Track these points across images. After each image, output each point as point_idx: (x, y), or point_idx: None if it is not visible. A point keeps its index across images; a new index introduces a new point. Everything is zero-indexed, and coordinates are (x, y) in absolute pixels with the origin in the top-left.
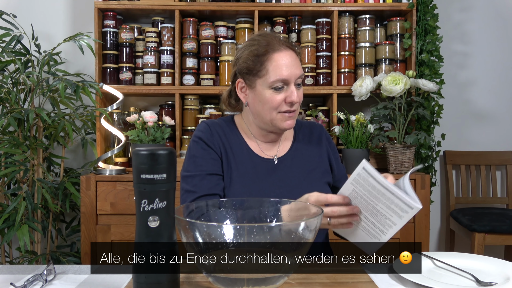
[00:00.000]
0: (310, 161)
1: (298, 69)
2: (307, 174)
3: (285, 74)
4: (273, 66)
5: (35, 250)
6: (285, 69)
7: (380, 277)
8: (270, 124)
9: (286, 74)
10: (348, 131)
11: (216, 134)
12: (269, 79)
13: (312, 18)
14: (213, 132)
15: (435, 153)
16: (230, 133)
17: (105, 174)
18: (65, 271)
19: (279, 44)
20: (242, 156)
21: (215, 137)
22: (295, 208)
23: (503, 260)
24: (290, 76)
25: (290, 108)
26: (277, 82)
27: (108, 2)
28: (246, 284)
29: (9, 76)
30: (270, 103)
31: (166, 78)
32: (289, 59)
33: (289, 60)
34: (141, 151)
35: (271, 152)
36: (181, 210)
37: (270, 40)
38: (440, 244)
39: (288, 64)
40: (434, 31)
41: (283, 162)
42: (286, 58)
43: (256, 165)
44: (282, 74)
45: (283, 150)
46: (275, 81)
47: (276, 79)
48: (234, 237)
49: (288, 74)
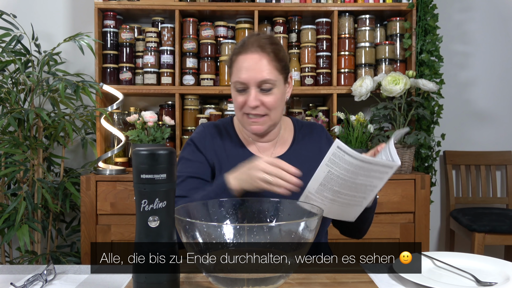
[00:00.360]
0: (309, 162)
1: (259, 73)
2: (304, 175)
3: (242, 77)
4: (236, 67)
5: (35, 250)
6: (244, 72)
7: (380, 277)
8: (242, 125)
9: (244, 77)
10: (348, 131)
11: (210, 137)
12: (232, 80)
13: (312, 18)
14: (207, 135)
15: (435, 153)
16: (226, 135)
17: (105, 174)
18: (65, 271)
19: (251, 46)
20: (238, 157)
21: (207, 140)
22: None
23: (503, 260)
24: (248, 80)
25: (251, 111)
26: (237, 83)
27: (108, 2)
28: (246, 284)
29: (9, 76)
30: (235, 103)
31: (166, 78)
32: (251, 62)
33: (251, 63)
34: (141, 151)
35: (269, 153)
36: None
37: (246, 40)
38: (440, 244)
39: (249, 67)
40: (434, 31)
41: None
42: (249, 61)
43: None
44: (239, 77)
45: (281, 150)
46: (235, 83)
47: (235, 81)
48: (234, 237)
49: (245, 77)
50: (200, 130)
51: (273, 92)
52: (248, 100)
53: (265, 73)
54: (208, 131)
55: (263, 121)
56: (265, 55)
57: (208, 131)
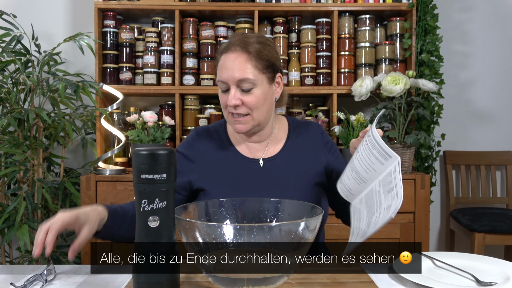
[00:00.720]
0: (303, 162)
1: (238, 72)
2: (298, 175)
3: (222, 76)
4: (219, 66)
5: None
6: (224, 71)
7: (380, 277)
8: (228, 123)
9: (224, 76)
10: (348, 131)
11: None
12: (216, 78)
13: (312, 18)
14: (195, 140)
15: (435, 153)
16: (217, 138)
17: (105, 174)
18: (65, 271)
19: (233, 45)
20: (227, 160)
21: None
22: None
23: (503, 260)
24: (227, 79)
25: (233, 110)
26: (219, 82)
27: (108, 2)
28: (246, 284)
29: (9, 76)
30: (220, 102)
31: (166, 78)
32: (231, 62)
33: (230, 63)
34: (141, 151)
35: (260, 153)
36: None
37: (230, 42)
38: (440, 244)
39: (229, 67)
40: (434, 31)
41: (272, 162)
42: (230, 61)
43: (241, 166)
44: (220, 76)
45: (274, 150)
46: (218, 82)
47: (217, 80)
48: (234, 237)
49: (225, 76)
50: (191, 137)
51: (253, 92)
52: (228, 99)
53: (243, 72)
54: (197, 137)
55: (245, 120)
56: (245, 54)
57: (198, 136)
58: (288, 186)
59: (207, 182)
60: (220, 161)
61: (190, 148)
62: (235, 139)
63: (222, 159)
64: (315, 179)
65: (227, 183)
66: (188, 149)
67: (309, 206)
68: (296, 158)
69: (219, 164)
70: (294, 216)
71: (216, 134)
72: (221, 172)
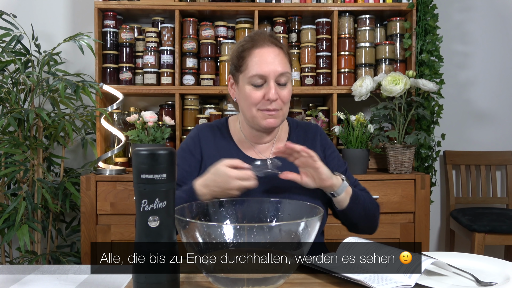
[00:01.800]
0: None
1: (279, 66)
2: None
3: (263, 70)
4: (253, 61)
5: (35, 250)
6: (264, 65)
7: None
8: (252, 122)
9: (265, 70)
10: (348, 131)
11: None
12: (248, 74)
13: (312, 18)
14: (200, 137)
15: (435, 153)
16: (220, 137)
17: (105, 174)
18: (65, 271)
19: (263, 40)
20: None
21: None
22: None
23: (503, 260)
24: (269, 73)
25: (269, 106)
26: (255, 77)
27: (108, 2)
28: (246, 284)
29: (9, 76)
30: (250, 99)
31: (166, 78)
32: (270, 55)
33: (270, 56)
34: (141, 151)
35: (266, 154)
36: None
37: (257, 38)
38: (440, 244)
39: (268, 61)
40: (434, 31)
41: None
42: (267, 54)
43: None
44: (260, 70)
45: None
46: (253, 76)
47: (254, 74)
48: (234, 237)
49: (266, 70)
50: (194, 134)
51: (287, 86)
52: (269, 93)
53: (284, 66)
54: (201, 134)
55: (277, 114)
56: (280, 49)
57: (202, 133)
58: (290, 186)
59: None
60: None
61: (195, 145)
62: (238, 139)
63: (226, 157)
64: None
65: None
66: (193, 146)
67: (309, 206)
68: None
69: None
70: (294, 216)
71: (219, 132)
72: None
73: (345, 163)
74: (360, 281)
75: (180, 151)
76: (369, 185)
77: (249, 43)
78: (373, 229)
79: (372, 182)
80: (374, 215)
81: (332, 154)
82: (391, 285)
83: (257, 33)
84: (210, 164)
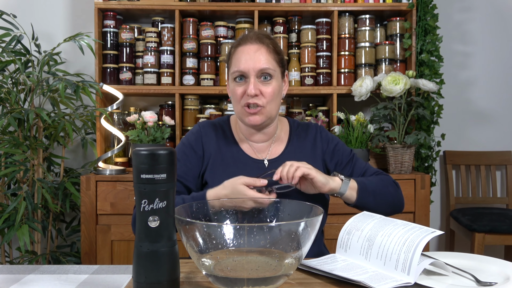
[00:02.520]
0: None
1: (259, 63)
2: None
3: (242, 66)
4: (235, 58)
5: (35, 250)
6: (243, 61)
7: None
8: (240, 118)
9: (244, 66)
10: (348, 131)
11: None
12: (231, 70)
13: (312, 18)
14: (202, 134)
15: (435, 153)
16: (222, 135)
17: (105, 174)
18: (65, 271)
19: (249, 39)
20: (232, 157)
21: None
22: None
23: (503, 260)
24: (248, 69)
25: (249, 100)
26: (236, 73)
27: (108, 2)
28: (246, 284)
29: (9, 76)
30: (234, 95)
31: (166, 78)
32: (251, 52)
33: (250, 53)
34: (141, 151)
35: (264, 154)
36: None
37: (245, 36)
38: (440, 244)
39: (248, 57)
40: (434, 31)
41: (275, 163)
42: (248, 51)
43: (246, 166)
44: (239, 66)
45: (277, 152)
46: (234, 72)
47: (234, 70)
48: (234, 237)
49: (245, 66)
50: (196, 130)
51: (271, 83)
52: (248, 88)
53: (264, 62)
54: (203, 130)
55: (259, 111)
56: (264, 46)
57: (204, 130)
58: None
59: (212, 177)
60: (225, 157)
61: (197, 141)
62: (239, 137)
63: (227, 155)
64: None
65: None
66: (194, 142)
67: (309, 206)
68: (298, 159)
69: (225, 161)
70: (294, 216)
71: (221, 129)
72: (226, 169)
73: (351, 151)
74: (359, 282)
75: (181, 146)
76: None
77: (238, 41)
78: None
79: None
80: (392, 197)
81: (337, 146)
82: (391, 284)
83: (248, 31)
84: (212, 160)
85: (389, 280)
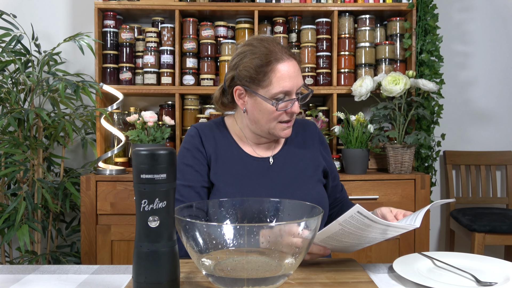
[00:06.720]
0: (302, 160)
1: (299, 79)
2: (299, 173)
3: (288, 86)
4: (276, 77)
5: (35, 250)
6: (288, 81)
7: (380, 277)
8: (268, 133)
9: (290, 86)
10: (348, 131)
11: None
12: (272, 90)
13: (312, 18)
14: (201, 136)
15: (435, 153)
16: (220, 136)
17: (105, 174)
18: (65, 271)
19: (281, 53)
20: (233, 157)
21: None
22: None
23: (503, 260)
24: (293, 88)
25: (290, 118)
26: (280, 94)
27: (108, 2)
28: (246, 284)
29: (9, 76)
30: (273, 114)
31: (166, 78)
32: (292, 70)
33: (292, 71)
34: (141, 151)
35: (266, 153)
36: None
37: (272, 48)
38: (440, 244)
39: (292, 75)
40: (434, 31)
41: (276, 161)
42: (289, 69)
43: (248, 165)
44: (285, 86)
45: (276, 149)
46: (278, 93)
47: (279, 91)
48: (234, 237)
49: (291, 85)
50: (194, 132)
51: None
52: (292, 107)
53: (301, 77)
54: (201, 131)
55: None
56: (295, 60)
57: (202, 131)
58: (292, 183)
59: (217, 177)
60: (227, 157)
61: (200, 143)
62: (239, 138)
63: (228, 155)
64: (315, 176)
65: (237, 180)
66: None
67: (309, 206)
68: (297, 156)
69: (228, 161)
70: (294, 216)
71: (217, 130)
72: (230, 170)
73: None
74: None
75: (186, 152)
76: (369, 185)
77: (266, 56)
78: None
79: (372, 182)
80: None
81: (330, 156)
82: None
83: (269, 43)
84: (215, 161)
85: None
